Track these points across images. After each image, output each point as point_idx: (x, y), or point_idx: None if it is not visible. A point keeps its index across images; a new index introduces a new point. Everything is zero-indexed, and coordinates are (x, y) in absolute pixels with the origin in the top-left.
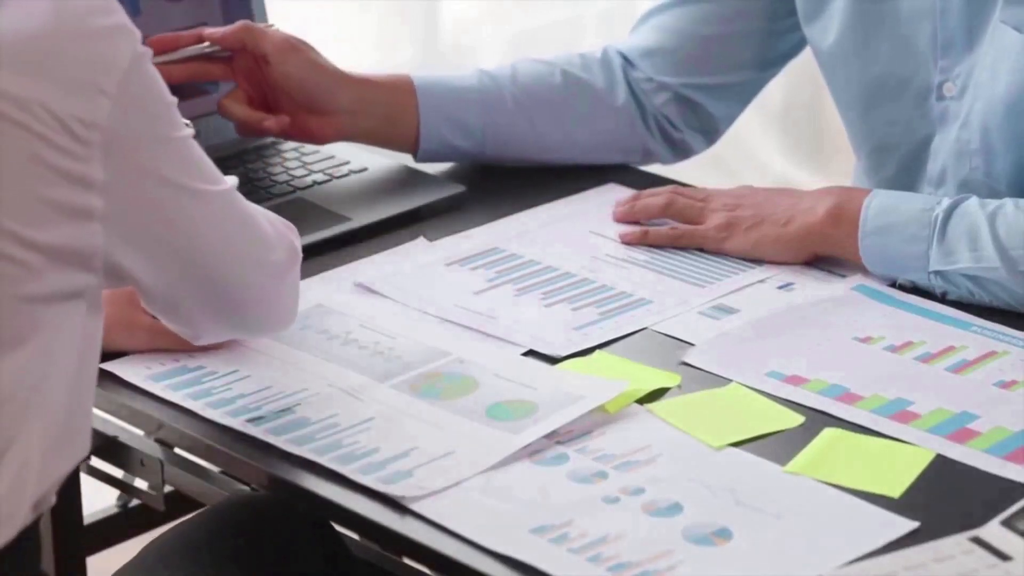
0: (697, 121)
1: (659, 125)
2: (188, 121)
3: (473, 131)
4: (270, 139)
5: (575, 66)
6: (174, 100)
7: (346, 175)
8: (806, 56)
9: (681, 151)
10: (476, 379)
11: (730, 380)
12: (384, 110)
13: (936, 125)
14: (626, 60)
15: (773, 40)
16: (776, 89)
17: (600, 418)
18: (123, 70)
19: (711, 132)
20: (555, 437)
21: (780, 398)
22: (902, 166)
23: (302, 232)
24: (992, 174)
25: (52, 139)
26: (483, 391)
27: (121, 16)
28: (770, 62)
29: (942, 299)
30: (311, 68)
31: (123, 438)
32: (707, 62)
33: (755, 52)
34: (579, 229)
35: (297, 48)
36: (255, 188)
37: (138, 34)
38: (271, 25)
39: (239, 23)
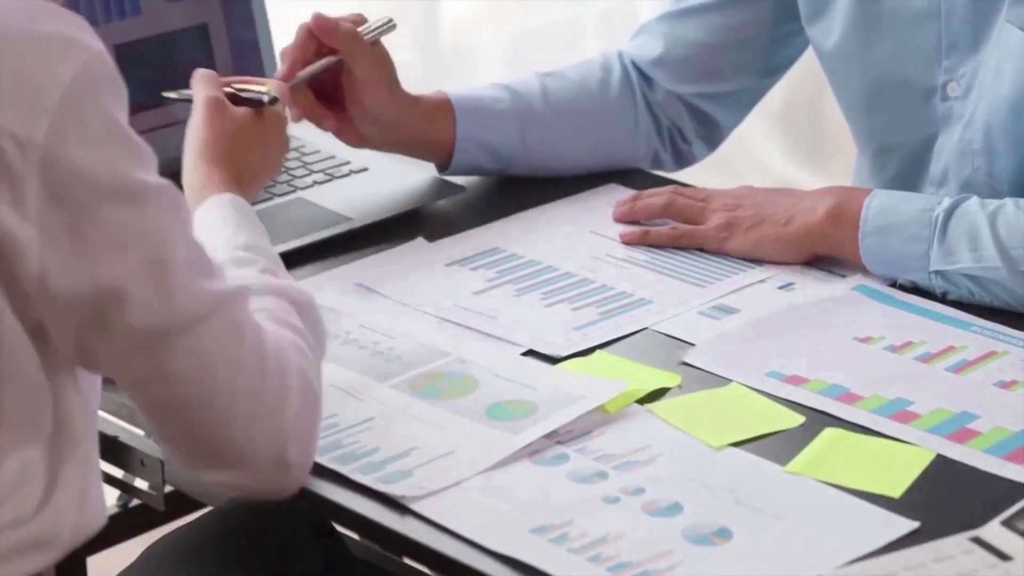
0: (704, 130)
1: (671, 138)
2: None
3: (502, 155)
4: None
5: (599, 83)
6: (143, 146)
7: (346, 175)
8: (807, 56)
9: (686, 161)
10: (476, 379)
11: (730, 380)
12: (423, 127)
13: (940, 125)
14: (639, 71)
15: (778, 45)
16: (776, 89)
17: (600, 418)
18: (65, 84)
19: (716, 140)
20: (555, 437)
21: (780, 398)
22: (905, 166)
23: (303, 232)
24: (994, 174)
25: None
26: (483, 391)
27: (71, 28)
28: (776, 67)
29: (942, 299)
30: (392, 93)
31: (123, 438)
32: (716, 70)
33: (762, 58)
34: (579, 229)
35: (388, 72)
36: None
37: (93, 52)
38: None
39: (346, 29)
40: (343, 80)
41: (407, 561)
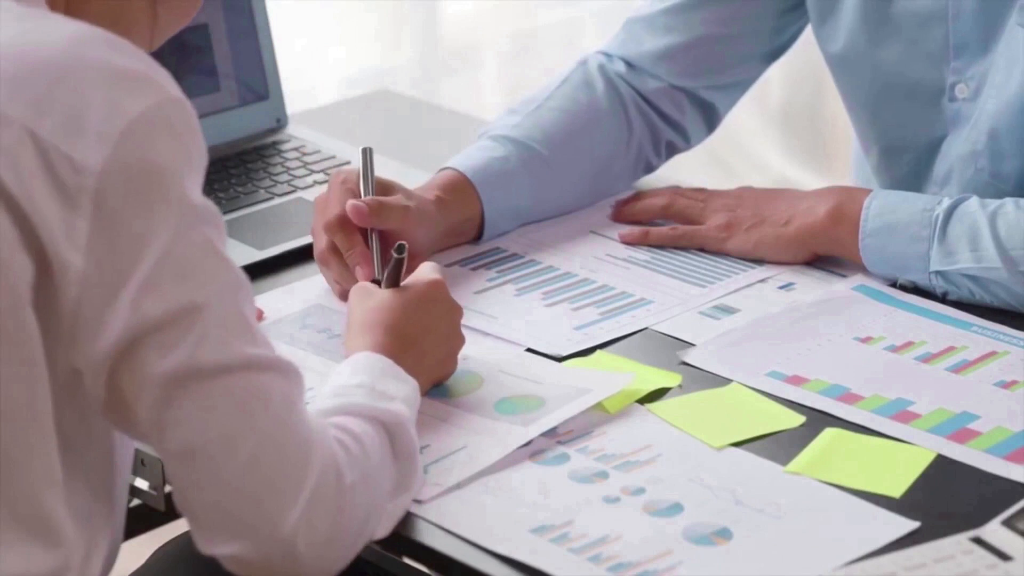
0: (704, 116)
1: (668, 144)
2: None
3: (522, 213)
4: (270, 139)
5: (587, 107)
6: (203, 204)
7: None
8: (806, 56)
9: (676, 153)
10: (481, 376)
11: (730, 380)
12: (456, 220)
13: (949, 126)
14: (632, 68)
15: (783, 31)
16: (776, 89)
17: (601, 418)
18: (130, 118)
19: (715, 124)
20: (556, 437)
21: (780, 398)
22: (913, 166)
23: (303, 232)
24: (999, 175)
25: (20, 165)
26: (489, 387)
27: (149, 69)
28: (779, 52)
29: (943, 299)
30: (426, 227)
31: None
32: (724, 61)
33: (767, 45)
34: (579, 229)
35: (416, 214)
36: (256, 188)
37: (168, 96)
38: (389, 187)
39: (374, 203)
40: (385, 237)
41: (407, 561)
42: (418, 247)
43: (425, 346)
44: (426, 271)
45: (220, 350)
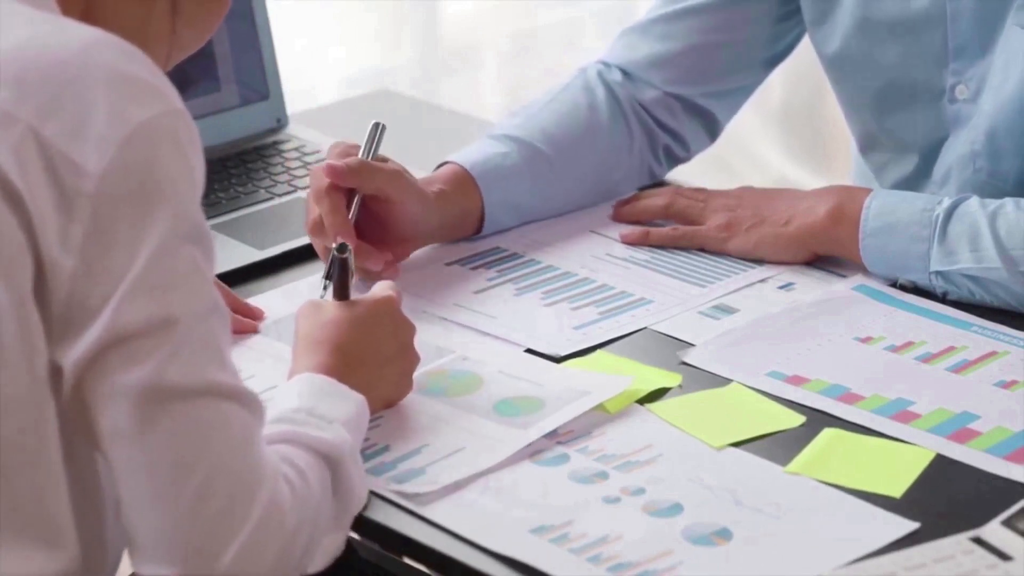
0: (703, 124)
1: (666, 149)
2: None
3: (523, 209)
4: (270, 139)
5: (587, 109)
6: (197, 222)
7: None
8: (806, 56)
9: (682, 160)
10: (481, 376)
11: (730, 380)
12: (457, 214)
13: (950, 127)
14: (628, 76)
15: (779, 39)
16: (776, 89)
17: (601, 418)
18: (132, 127)
19: (715, 132)
20: (556, 437)
21: (780, 398)
22: (914, 168)
23: (303, 232)
24: (997, 174)
25: (26, 165)
26: (489, 388)
27: (157, 79)
28: (777, 60)
29: (943, 299)
30: (422, 203)
31: None
32: (718, 69)
33: (764, 52)
34: (579, 229)
35: (409, 182)
36: (256, 188)
37: (173, 108)
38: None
39: (354, 165)
40: (377, 210)
41: (407, 561)
42: (411, 225)
43: (374, 365)
44: (380, 288)
45: (188, 371)
